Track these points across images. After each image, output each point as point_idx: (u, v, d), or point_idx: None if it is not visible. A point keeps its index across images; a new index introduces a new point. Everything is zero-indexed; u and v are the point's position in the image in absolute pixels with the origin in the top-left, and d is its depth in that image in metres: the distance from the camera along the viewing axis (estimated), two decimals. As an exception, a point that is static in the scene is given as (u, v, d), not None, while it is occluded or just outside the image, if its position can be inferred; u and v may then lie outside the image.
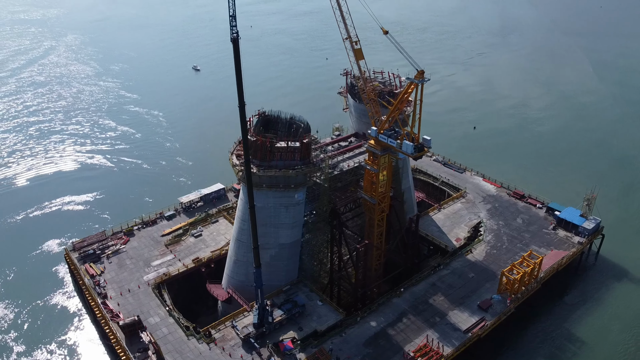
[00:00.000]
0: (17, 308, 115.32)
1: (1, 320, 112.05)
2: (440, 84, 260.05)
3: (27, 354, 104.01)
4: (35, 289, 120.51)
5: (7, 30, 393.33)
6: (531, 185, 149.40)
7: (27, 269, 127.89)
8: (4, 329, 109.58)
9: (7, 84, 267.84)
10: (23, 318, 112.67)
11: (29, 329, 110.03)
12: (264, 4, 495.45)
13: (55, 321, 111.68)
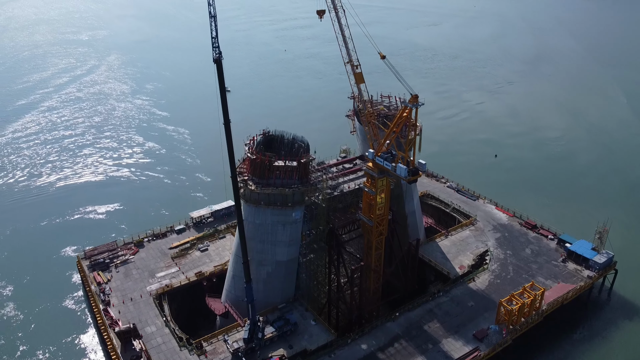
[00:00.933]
0: (28, 309, 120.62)
1: (11, 320, 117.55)
2: (466, 111, 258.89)
3: (31, 353, 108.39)
4: (48, 293, 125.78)
5: (57, 50, 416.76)
6: (545, 216, 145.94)
7: (44, 272, 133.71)
8: (13, 328, 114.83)
9: (50, 99, 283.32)
10: (32, 319, 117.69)
11: (36, 329, 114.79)
12: (300, 29, 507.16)
13: (61, 324, 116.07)
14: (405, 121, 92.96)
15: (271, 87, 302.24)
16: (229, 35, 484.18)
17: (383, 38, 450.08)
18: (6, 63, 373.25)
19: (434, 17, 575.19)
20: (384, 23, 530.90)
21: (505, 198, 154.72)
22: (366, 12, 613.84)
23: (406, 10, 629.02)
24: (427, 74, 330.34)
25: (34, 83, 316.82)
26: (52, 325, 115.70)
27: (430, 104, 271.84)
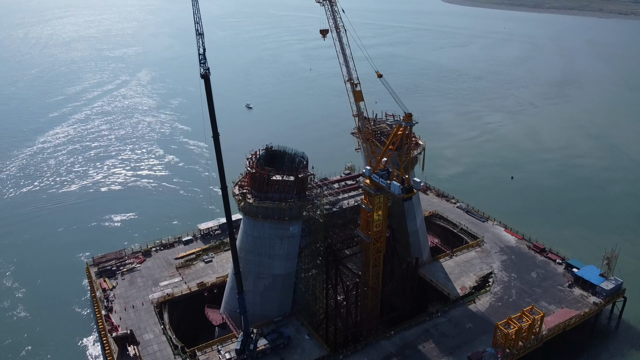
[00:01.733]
0: (37, 310, 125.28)
1: (20, 320, 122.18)
2: (486, 132, 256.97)
3: (36, 352, 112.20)
4: (57, 296, 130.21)
5: (92, 65, 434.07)
6: (556, 239, 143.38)
7: (57, 276, 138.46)
8: (20, 328, 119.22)
9: (80, 112, 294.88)
10: (40, 320, 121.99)
11: (43, 330, 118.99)
12: (326, 48, 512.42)
13: (66, 327, 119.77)
14: (400, 139, 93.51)
15: (292, 104, 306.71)
16: (256, 54, 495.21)
17: (408, 58, 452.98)
18: (44, 77, 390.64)
19: (462, 38, 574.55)
20: (411, 44, 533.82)
21: (516, 220, 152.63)
22: (394, 32, 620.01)
23: (435, 31, 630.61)
24: (449, 95, 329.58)
25: (67, 96, 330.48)
26: (57, 327, 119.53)
27: (449, 124, 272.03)
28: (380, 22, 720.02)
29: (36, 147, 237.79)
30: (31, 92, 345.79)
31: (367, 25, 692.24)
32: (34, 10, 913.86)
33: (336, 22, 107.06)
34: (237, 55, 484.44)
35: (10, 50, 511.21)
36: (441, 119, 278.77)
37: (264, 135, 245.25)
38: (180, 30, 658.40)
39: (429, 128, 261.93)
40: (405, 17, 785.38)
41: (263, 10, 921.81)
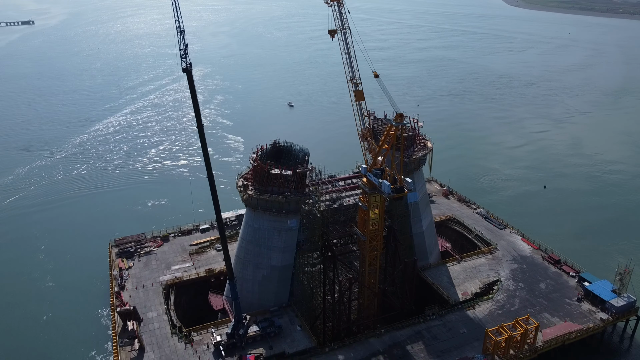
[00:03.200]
0: (62, 282, 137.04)
1: (45, 290, 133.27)
2: (525, 139, 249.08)
3: (53, 318, 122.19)
4: (82, 271, 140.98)
5: (151, 61, 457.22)
6: (576, 252, 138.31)
7: (85, 253, 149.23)
8: (44, 295, 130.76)
9: (132, 104, 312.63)
10: (62, 291, 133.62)
11: (63, 300, 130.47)
12: (378, 50, 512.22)
13: (84, 299, 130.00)
14: (394, 139, 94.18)
15: (331, 104, 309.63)
16: (307, 54, 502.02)
17: (459, 62, 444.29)
18: (106, 70, 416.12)
19: (520, 43, 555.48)
20: (465, 47, 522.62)
21: (539, 230, 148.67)
22: (450, 35, 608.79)
23: (492, 35, 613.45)
24: (494, 100, 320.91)
25: (123, 89, 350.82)
26: (77, 298, 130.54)
27: (487, 130, 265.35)
28: (438, 25, 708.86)
29: (89, 134, 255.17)
30: (92, 84, 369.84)
31: (424, 27, 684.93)
32: (108, 8, 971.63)
33: (342, 22, 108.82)
34: (288, 55, 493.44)
35: (81, 45, 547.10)
36: (480, 124, 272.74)
37: (296, 131, 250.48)
38: (239, 30, 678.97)
39: (464, 132, 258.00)
40: (464, 20, 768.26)
41: (323, 12, 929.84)
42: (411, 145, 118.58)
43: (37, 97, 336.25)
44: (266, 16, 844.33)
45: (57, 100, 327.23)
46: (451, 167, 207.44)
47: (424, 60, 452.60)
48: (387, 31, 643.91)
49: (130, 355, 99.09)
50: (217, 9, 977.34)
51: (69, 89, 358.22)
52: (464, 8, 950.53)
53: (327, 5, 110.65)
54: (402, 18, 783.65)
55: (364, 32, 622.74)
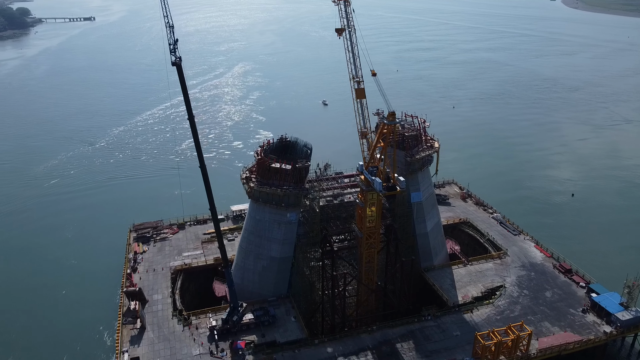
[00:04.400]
0: (80, 262, 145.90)
1: (63, 267, 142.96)
2: (560, 144, 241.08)
3: (70, 293, 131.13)
4: (101, 253, 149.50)
5: (196, 57, 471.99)
6: (591, 263, 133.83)
7: (108, 236, 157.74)
8: (61, 273, 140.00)
9: (173, 98, 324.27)
10: (79, 270, 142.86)
11: (79, 279, 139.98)
12: (422, 51, 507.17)
13: (100, 278, 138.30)
14: (388, 137, 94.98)
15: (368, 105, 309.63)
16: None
17: (503, 65, 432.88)
18: (155, 65, 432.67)
19: (572, 46, 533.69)
20: (513, 50, 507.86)
21: (556, 238, 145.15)
22: (499, 37, 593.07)
23: (544, 37, 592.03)
24: (533, 104, 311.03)
25: (167, 83, 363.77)
26: (94, 277, 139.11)
27: (519, 133, 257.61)
28: (488, 26, 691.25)
29: (129, 125, 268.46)
30: (140, 78, 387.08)
31: (473, 29, 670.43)
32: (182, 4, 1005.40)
33: (348, 21, 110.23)
34: (330, 54, 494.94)
35: (134, 41, 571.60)
36: (514, 128, 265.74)
37: (324, 129, 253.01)
38: (286, 29, 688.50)
39: (496, 135, 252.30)
40: (517, 22, 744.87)
41: (371, 12, 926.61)
42: (416, 145, 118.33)
43: (88, 89, 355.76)
44: (314, 15, 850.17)
45: (105, 93, 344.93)
46: (476, 170, 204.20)
47: (467, 62, 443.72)
48: (434, 32, 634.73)
49: (131, 333, 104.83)
50: (268, 8, 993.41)
51: (117, 82, 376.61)
52: (519, 10, 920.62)
53: (334, 4, 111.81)
54: (452, 19, 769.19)
55: (410, 33, 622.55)
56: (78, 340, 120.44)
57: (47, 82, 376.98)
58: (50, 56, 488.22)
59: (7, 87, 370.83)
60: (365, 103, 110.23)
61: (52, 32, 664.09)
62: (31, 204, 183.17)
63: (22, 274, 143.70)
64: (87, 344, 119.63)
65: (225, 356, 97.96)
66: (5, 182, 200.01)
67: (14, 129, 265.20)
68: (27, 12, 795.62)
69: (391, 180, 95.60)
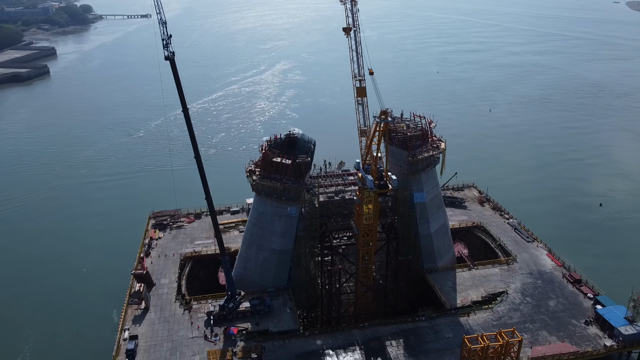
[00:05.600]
0: (103, 244, 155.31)
1: (86, 246, 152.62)
2: (594, 152, 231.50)
3: (87, 274, 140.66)
4: (122, 237, 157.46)
5: (241, 54, 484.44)
6: (606, 275, 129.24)
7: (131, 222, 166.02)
8: (83, 252, 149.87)
9: (214, 93, 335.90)
10: (100, 250, 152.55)
11: (99, 259, 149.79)
12: (466, 53, 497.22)
13: (117, 259, 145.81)
14: (381, 135, 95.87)
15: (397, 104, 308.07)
16: (392, 55, 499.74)
17: (551, 68, 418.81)
18: (200, 62, 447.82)
19: (628, 50, 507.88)
20: (563, 53, 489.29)
21: (574, 247, 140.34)
22: (550, 40, 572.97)
23: (599, 41, 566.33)
24: (574, 109, 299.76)
25: (210, 79, 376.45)
26: (111, 259, 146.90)
27: (553, 138, 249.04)
28: (541, 29, 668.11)
29: (168, 117, 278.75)
30: (184, 74, 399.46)
31: (524, 31, 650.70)
32: (218, 4, 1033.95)
33: (354, 20, 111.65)
34: (373, 55, 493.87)
35: (184, 37, 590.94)
36: (550, 133, 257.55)
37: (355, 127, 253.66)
38: (333, 28, 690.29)
39: (529, 140, 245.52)
40: (574, 25, 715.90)
41: (422, 13, 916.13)
42: (420, 145, 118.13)
43: (134, 82, 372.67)
44: (363, 15, 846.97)
45: (151, 86, 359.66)
46: (503, 174, 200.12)
47: (512, 65, 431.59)
48: (483, 34, 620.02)
49: (135, 312, 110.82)
50: (319, 7, 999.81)
51: (163, 76, 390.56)
52: (578, 12, 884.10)
53: (341, 3, 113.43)
54: (504, 21, 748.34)
55: (458, 34, 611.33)
56: (89, 315, 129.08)
57: (98, 75, 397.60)
58: (105, 51, 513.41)
59: (63, 78, 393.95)
60: (366, 102, 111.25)
61: (110, 28, 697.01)
62: (68, 187, 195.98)
63: (50, 251, 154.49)
64: (97, 319, 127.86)
65: (218, 341, 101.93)
66: (48, 167, 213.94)
67: (62, 119, 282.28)
68: (89, 9, 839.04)
69: (384, 178, 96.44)
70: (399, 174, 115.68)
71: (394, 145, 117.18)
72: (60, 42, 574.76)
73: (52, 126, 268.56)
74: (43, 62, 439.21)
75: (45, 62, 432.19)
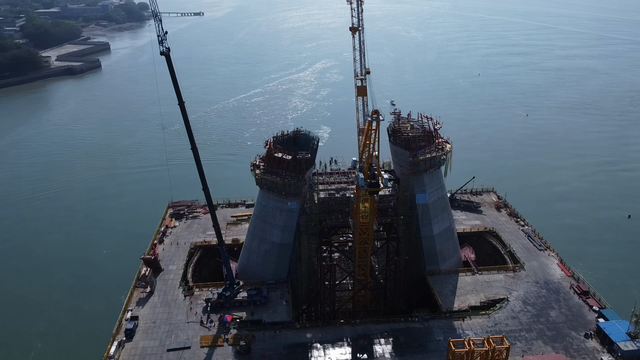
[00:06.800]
0: (123, 228, 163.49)
1: (106, 230, 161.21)
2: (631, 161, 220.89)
3: (106, 256, 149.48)
4: (143, 223, 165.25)
5: (284, 53, 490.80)
6: (618, 288, 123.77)
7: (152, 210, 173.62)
8: (103, 236, 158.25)
9: (252, 89, 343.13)
10: (119, 235, 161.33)
11: (118, 240, 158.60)
12: (512, 56, 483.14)
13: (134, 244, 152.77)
14: (375, 135, 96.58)
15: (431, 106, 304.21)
16: (434, 56, 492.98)
17: (601, 73, 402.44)
18: (244, 59, 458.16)
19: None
20: (617, 58, 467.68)
21: (590, 260, 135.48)
22: (606, 45, 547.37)
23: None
24: (617, 116, 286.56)
25: (250, 76, 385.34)
26: (128, 243, 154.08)
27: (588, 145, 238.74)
28: (597, 32, 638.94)
29: (205, 111, 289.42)
30: (228, 70, 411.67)
31: (578, 34, 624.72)
32: (268, 3, 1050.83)
33: (359, 21, 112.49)
34: (415, 56, 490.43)
35: (232, 35, 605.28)
36: (585, 139, 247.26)
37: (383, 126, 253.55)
38: (378, 29, 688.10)
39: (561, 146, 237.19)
40: (635, 28, 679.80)
41: (472, 14, 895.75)
42: (423, 146, 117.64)
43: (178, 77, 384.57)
44: (412, 15, 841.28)
45: (192, 82, 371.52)
46: (530, 180, 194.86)
47: (560, 69, 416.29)
48: (534, 36, 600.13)
49: (140, 295, 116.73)
50: (368, 7, 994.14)
51: (205, 72, 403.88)
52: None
53: (347, 3, 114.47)
54: (558, 23, 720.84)
55: (507, 36, 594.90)
56: (101, 294, 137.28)
57: (144, 69, 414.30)
58: (155, 47, 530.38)
59: (112, 72, 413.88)
60: (365, 101, 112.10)
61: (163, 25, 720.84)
62: (101, 174, 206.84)
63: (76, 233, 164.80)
64: (107, 299, 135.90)
65: (212, 327, 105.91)
66: (87, 155, 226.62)
67: (106, 110, 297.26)
68: (146, 6, 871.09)
69: (376, 177, 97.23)
70: (402, 174, 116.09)
71: (397, 145, 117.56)
72: (115, 38, 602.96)
73: (96, 117, 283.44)
74: (96, 56, 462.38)
75: (98, 57, 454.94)
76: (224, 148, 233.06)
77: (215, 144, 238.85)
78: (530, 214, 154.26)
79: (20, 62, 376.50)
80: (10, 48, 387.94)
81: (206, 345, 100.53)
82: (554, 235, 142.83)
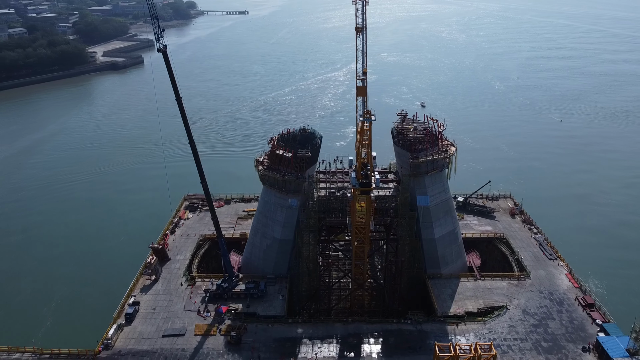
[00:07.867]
0: (142, 216, 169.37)
1: (121, 219, 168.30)
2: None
3: (122, 242, 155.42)
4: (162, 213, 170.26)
5: (321, 52, 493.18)
6: (625, 302, 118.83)
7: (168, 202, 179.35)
8: (118, 224, 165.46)
9: (286, 87, 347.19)
10: (134, 224, 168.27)
11: (133, 228, 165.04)
12: (557, 59, 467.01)
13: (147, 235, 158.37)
14: (370, 134, 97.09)
15: (461, 108, 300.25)
16: (473, 59, 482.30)
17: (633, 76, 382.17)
18: (281, 58, 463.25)
19: None
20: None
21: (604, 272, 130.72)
22: None
23: None
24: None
25: (285, 74, 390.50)
26: (142, 234, 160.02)
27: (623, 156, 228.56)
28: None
29: (235, 108, 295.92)
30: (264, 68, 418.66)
31: (631, 38, 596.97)
32: (313, 2, 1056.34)
33: (363, 21, 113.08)
34: (454, 57, 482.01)
35: (272, 34, 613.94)
36: (620, 148, 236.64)
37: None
38: (421, 30, 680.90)
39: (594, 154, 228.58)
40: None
41: (520, 16, 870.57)
42: (426, 148, 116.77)
43: (215, 74, 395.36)
44: (457, 16, 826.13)
45: (228, 79, 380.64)
46: (549, 187, 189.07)
47: (604, 74, 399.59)
48: (582, 39, 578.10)
49: (145, 282, 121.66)
50: (413, 8, 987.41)
51: (242, 70, 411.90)
52: None
53: (353, 3, 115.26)
54: (609, 26, 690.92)
55: (553, 39, 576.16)
56: (110, 280, 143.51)
57: (184, 66, 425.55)
58: (197, 44, 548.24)
59: (154, 68, 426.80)
60: (365, 101, 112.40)
61: (208, 23, 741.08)
62: (127, 165, 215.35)
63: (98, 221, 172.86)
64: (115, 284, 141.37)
65: (208, 316, 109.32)
66: (117, 149, 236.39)
67: (142, 104, 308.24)
68: (193, 4, 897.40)
69: (369, 177, 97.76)
70: (402, 175, 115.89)
71: (399, 146, 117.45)
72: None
73: (132, 110, 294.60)
74: (140, 52, 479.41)
75: (141, 53, 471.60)
76: (247, 145, 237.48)
77: (239, 141, 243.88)
78: (547, 223, 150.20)
79: (68, 57, 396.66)
80: (60, 43, 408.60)
81: (199, 334, 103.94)
82: (568, 246, 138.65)
